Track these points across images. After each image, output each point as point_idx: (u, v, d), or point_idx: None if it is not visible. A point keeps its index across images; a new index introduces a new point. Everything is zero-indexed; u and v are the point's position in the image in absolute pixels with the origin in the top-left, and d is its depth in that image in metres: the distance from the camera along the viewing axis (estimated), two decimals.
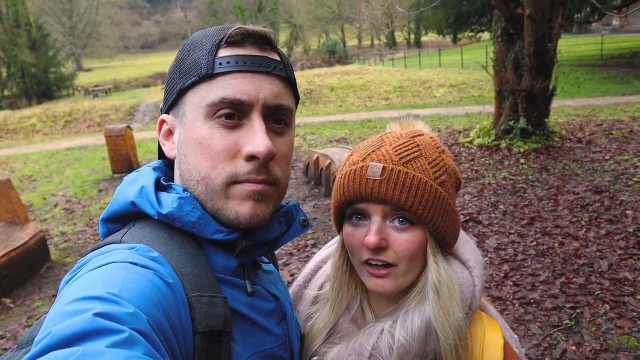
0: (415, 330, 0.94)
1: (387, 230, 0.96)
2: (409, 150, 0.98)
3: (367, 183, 0.94)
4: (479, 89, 19.41)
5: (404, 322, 0.96)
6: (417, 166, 0.95)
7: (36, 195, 9.62)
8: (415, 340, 0.94)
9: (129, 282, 0.65)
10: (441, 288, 0.95)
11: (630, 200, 6.04)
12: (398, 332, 0.95)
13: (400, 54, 42.64)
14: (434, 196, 0.94)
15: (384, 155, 0.97)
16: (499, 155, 8.84)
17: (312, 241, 5.82)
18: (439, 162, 0.99)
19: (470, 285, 1.00)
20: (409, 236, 0.95)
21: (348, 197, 0.97)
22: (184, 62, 0.86)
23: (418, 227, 0.96)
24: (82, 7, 70.24)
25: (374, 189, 0.93)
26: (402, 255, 0.95)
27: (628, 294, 4.02)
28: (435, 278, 0.96)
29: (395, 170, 0.94)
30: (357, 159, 1.00)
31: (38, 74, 39.05)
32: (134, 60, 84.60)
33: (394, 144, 0.99)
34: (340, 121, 15.60)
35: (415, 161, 0.96)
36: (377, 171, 0.94)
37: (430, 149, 1.00)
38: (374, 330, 1.00)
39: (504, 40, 9.19)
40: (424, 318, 0.95)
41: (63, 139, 18.61)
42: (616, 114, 11.88)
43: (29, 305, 4.95)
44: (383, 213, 0.95)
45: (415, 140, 1.00)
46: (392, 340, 0.95)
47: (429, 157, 0.98)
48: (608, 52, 24.32)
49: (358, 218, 0.99)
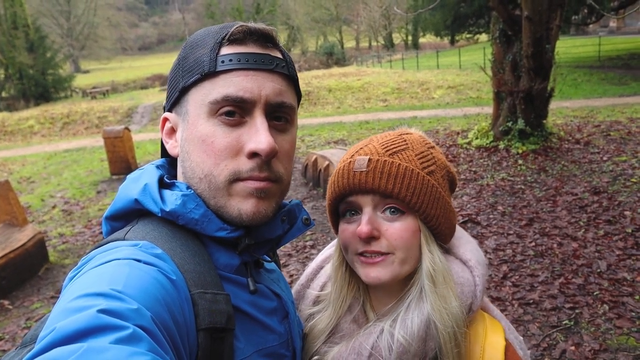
0: (415, 329, 0.94)
1: (378, 221, 0.97)
2: (396, 144, 1.00)
3: (354, 175, 0.97)
4: (476, 90, 19.45)
5: (403, 321, 0.96)
6: (403, 157, 0.98)
7: (34, 197, 9.60)
8: (415, 340, 0.93)
9: (133, 278, 0.65)
10: (436, 276, 0.96)
11: (628, 201, 6.05)
12: (397, 331, 0.95)
13: (398, 56, 42.70)
14: (421, 183, 0.96)
15: (370, 149, 1.00)
16: (497, 156, 8.85)
17: (310, 242, 5.82)
18: (426, 155, 1.01)
19: (471, 284, 1.00)
20: (401, 224, 0.96)
21: (338, 192, 1.00)
22: (186, 59, 0.86)
23: (409, 215, 0.97)
24: (80, 8, 70.21)
25: (361, 179, 0.96)
26: (396, 244, 0.95)
27: (627, 294, 4.03)
28: (429, 266, 0.97)
29: (381, 161, 0.96)
30: (346, 156, 1.04)
31: (36, 75, 38.93)
32: (131, 62, 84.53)
33: (382, 140, 1.03)
34: (338, 122, 15.62)
35: (401, 152, 0.98)
36: (363, 163, 0.97)
37: (418, 144, 1.02)
38: (373, 329, 0.99)
39: (502, 42, 9.21)
40: (424, 317, 0.94)
41: (61, 140, 18.59)
42: (614, 115, 11.92)
43: (28, 307, 4.93)
44: (373, 203, 0.97)
45: (403, 137, 1.03)
46: (391, 340, 0.95)
47: (415, 149, 1.00)
48: (605, 54, 24.39)
49: (351, 214, 1.01)
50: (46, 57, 41.04)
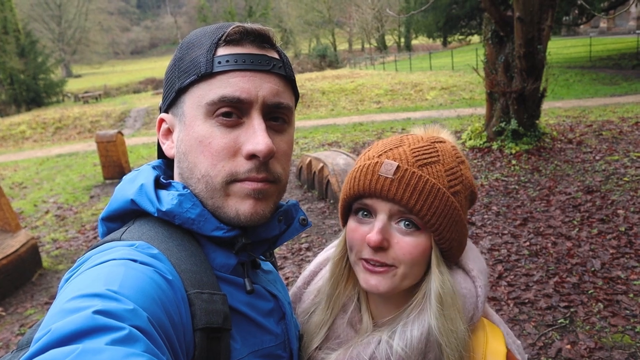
0: (414, 342, 0.92)
1: (390, 231, 0.93)
2: (427, 154, 0.95)
3: (378, 179, 0.92)
4: (469, 91, 19.53)
5: (403, 332, 0.94)
6: (432, 171, 0.93)
7: (27, 202, 9.54)
8: (414, 352, 0.92)
9: (129, 278, 0.65)
10: (445, 298, 0.93)
11: (621, 200, 6.09)
12: (396, 342, 0.93)
13: (391, 57, 42.85)
14: (445, 204, 0.92)
15: (400, 154, 0.95)
16: (491, 156, 8.89)
17: (306, 244, 5.81)
18: (456, 172, 0.96)
19: (473, 296, 0.98)
20: (413, 240, 0.92)
21: (357, 191, 0.95)
22: (182, 60, 0.85)
23: (423, 232, 0.93)
24: (71, 13, 70.06)
25: (385, 186, 0.91)
26: (403, 258, 0.92)
27: (621, 292, 4.05)
28: (439, 287, 0.93)
29: (409, 171, 0.91)
30: (373, 154, 0.98)
31: (27, 80, 38.76)
32: (123, 66, 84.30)
33: (413, 146, 0.97)
34: (332, 125, 15.63)
35: (432, 166, 0.93)
36: (390, 169, 0.92)
37: (449, 157, 0.97)
38: (372, 339, 0.98)
39: (494, 43, 9.26)
40: (423, 330, 0.92)
41: (53, 145, 18.48)
42: (605, 114, 12.00)
43: (21, 313, 4.89)
44: (390, 212, 0.93)
45: (435, 146, 0.98)
46: (390, 351, 0.93)
47: (446, 164, 0.95)
48: (596, 54, 24.58)
49: (364, 214, 0.96)
50: (37, 62, 40.85)
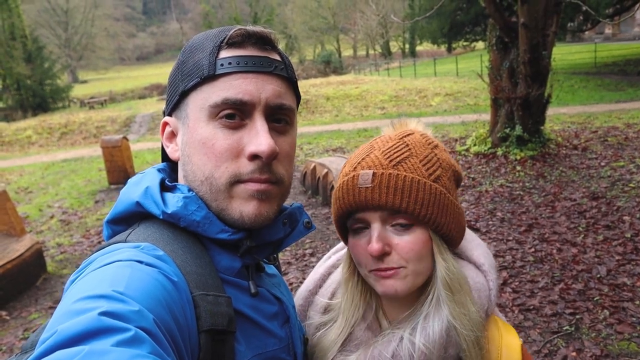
0: (436, 336, 0.93)
1: (388, 235, 0.94)
2: (398, 151, 0.96)
3: (359, 192, 0.93)
4: (474, 97, 19.51)
5: (424, 328, 0.95)
6: (407, 166, 0.94)
7: (32, 207, 9.58)
8: (436, 347, 0.93)
9: (134, 280, 0.65)
10: (453, 284, 0.95)
11: (627, 206, 6.06)
12: (418, 339, 0.94)
13: (395, 64, 42.84)
14: (430, 193, 0.93)
15: (372, 160, 0.96)
16: (496, 162, 8.87)
17: (310, 250, 5.80)
18: (431, 158, 0.97)
19: (486, 289, 1.00)
20: (411, 237, 0.93)
21: (344, 209, 0.97)
22: (185, 64, 0.86)
23: (419, 226, 0.94)
24: (78, 19, 70.55)
25: (367, 196, 0.92)
26: (408, 257, 0.93)
27: (627, 299, 4.02)
28: (445, 274, 0.95)
29: (385, 174, 0.92)
30: (348, 169, 1.00)
31: (33, 85, 38.96)
32: (129, 72, 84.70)
33: (383, 148, 0.98)
34: (337, 130, 15.65)
35: (405, 161, 0.95)
36: (367, 178, 0.93)
37: (421, 147, 0.98)
38: (392, 337, 0.98)
39: (499, 49, 9.25)
40: (443, 325, 0.94)
41: (59, 150, 18.57)
42: (611, 120, 11.96)
43: (25, 317, 4.90)
44: (381, 219, 0.94)
45: (405, 140, 0.99)
46: (412, 348, 0.94)
47: (419, 154, 0.96)
48: (601, 60, 24.54)
49: (359, 228, 0.98)
50: (44, 67, 41.09)
